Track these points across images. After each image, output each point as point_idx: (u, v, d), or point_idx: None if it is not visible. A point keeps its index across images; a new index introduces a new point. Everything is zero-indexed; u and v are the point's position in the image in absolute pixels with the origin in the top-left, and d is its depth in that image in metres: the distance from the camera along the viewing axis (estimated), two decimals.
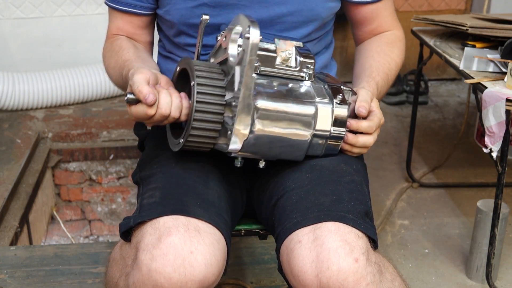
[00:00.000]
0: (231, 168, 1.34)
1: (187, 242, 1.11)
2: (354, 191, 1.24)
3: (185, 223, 1.14)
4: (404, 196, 2.63)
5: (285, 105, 1.19)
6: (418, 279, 2.11)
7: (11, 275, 1.95)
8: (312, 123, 1.21)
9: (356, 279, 1.09)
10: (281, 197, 1.26)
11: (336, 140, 1.26)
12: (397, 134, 3.17)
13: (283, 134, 1.20)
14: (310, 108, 1.21)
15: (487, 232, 1.98)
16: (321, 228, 1.14)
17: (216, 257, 1.14)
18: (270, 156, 1.24)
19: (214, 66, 1.21)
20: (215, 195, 1.26)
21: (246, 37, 1.11)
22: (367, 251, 1.14)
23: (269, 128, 1.18)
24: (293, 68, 1.24)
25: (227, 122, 1.16)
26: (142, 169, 1.36)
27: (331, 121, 1.23)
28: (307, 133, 1.22)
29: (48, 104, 3.02)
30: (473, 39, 2.14)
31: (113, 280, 1.24)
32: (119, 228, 1.23)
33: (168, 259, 1.09)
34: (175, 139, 1.24)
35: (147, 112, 1.15)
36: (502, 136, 1.79)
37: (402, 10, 3.58)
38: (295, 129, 1.20)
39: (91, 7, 3.15)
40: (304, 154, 1.25)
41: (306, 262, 1.12)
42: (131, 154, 2.86)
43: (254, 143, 1.18)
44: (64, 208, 2.89)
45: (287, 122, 1.19)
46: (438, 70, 3.79)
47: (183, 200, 1.20)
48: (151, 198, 1.22)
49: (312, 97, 1.22)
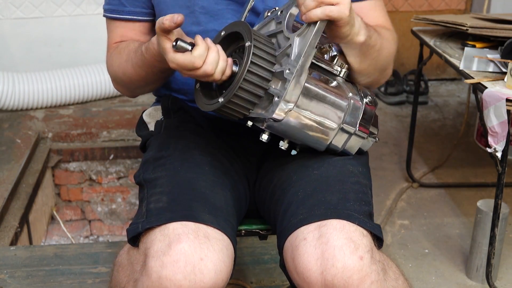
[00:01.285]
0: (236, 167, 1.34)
1: (197, 249, 1.11)
2: (360, 192, 1.25)
3: (194, 230, 1.14)
4: (404, 196, 2.63)
5: (324, 92, 1.22)
6: (418, 279, 2.11)
7: (11, 275, 1.95)
8: (343, 116, 1.24)
9: (360, 277, 1.10)
10: (286, 192, 1.26)
11: (359, 138, 1.28)
12: (397, 134, 3.17)
13: (316, 119, 1.22)
14: (344, 101, 1.25)
15: (487, 232, 1.98)
16: (327, 225, 1.14)
17: (225, 263, 1.14)
18: (296, 138, 1.25)
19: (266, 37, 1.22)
20: (222, 200, 1.26)
21: None
22: (372, 249, 1.14)
23: (307, 109, 1.20)
24: (330, 62, 1.27)
25: (274, 91, 1.17)
26: (145, 170, 1.34)
27: (359, 119, 1.26)
28: (336, 124, 1.24)
29: (48, 104, 3.02)
30: (473, 39, 2.14)
31: (120, 285, 1.24)
32: (127, 233, 1.22)
33: (179, 266, 1.09)
34: (208, 99, 1.22)
35: (195, 63, 1.13)
36: (505, 135, 1.80)
37: (402, 10, 3.59)
38: (326, 116, 1.23)
39: (91, 7, 3.15)
40: (327, 145, 1.27)
41: (311, 259, 1.12)
42: (131, 154, 2.86)
43: (288, 121, 1.19)
44: (64, 208, 2.89)
45: (323, 107, 1.22)
46: (438, 70, 3.79)
47: (191, 205, 1.19)
48: (158, 202, 1.22)
49: (346, 92, 1.26)
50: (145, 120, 1.53)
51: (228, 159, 1.36)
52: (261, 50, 1.16)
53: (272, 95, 1.18)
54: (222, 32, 1.24)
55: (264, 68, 1.16)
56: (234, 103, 1.17)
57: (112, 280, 1.29)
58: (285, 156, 1.31)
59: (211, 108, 1.20)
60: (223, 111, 1.19)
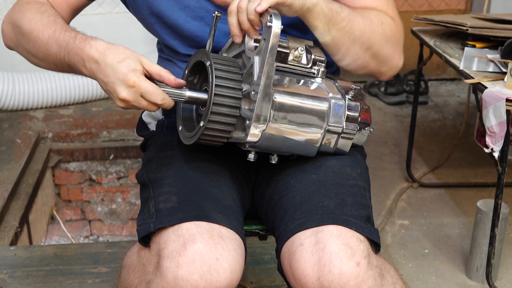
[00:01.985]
0: (238, 166, 1.34)
1: (212, 249, 1.11)
2: (358, 195, 1.24)
3: (208, 230, 1.14)
4: (404, 196, 2.63)
5: (300, 100, 1.20)
6: (418, 279, 2.11)
7: (11, 275, 1.95)
8: (326, 118, 1.22)
9: (357, 283, 1.10)
10: (284, 196, 1.26)
11: (348, 136, 1.27)
12: (397, 134, 3.17)
13: (297, 128, 1.21)
14: (323, 104, 1.22)
15: (487, 232, 1.98)
16: (323, 231, 1.14)
17: (239, 262, 1.14)
18: (283, 150, 1.25)
19: (231, 59, 1.21)
20: (230, 199, 1.25)
21: (268, 26, 1.11)
22: (369, 254, 1.14)
23: (285, 122, 1.19)
24: (305, 65, 1.25)
25: (245, 114, 1.17)
26: (150, 169, 1.33)
27: (344, 117, 1.24)
28: (321, 128, 1.23)
29: (48, 104, 3.02)
30: (473, 39, 2.14)
31: (131, 287, 1.23)
32: (138, 233, 1.21)
33: (195, 267, 1.09)
34: (189, 132, 1.23)
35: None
36: (504, 136, 1.79)
37: (402, 10, 3.59)
38: (309, 124, 1.21)
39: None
40: (317, 149, 1.26)
41: (308, 265, 1.12)
42: (131, 154, 2.86)
43: (270, 137, 1.19)
44: (64, 208, 2.89)
45: (302, 116, 1.20)
46: (438, 70, 3.79)
47: (202, 205, 1.19)
48: (167, 202, 1.21)
49: (325, 93, 1.24)
50: (145, 120, 1.52)
51: (232, 158, 1.36)
52: (225, 79, 1.15)
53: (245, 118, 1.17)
54: (186, 71, 1.25)
55: (230, 97, 1.14)
56: (209, 135, 1.17)
57: (121, 282, 1.28)
58: (283, 161, 1.31)
59: (190, 141, 1.21)
60: (203, 141, 1.19)
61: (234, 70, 1.17)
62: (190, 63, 1.25)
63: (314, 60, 1.26)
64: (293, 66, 1.24)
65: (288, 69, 1.24)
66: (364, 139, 1.32)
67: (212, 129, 1.16)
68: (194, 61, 1.24)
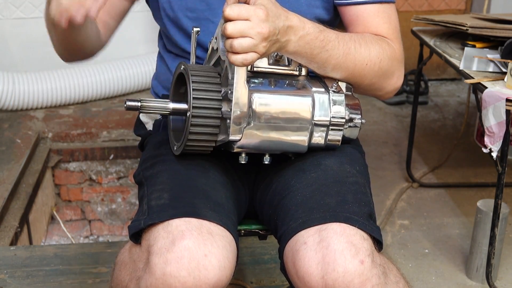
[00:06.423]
0: (234, 167, 1.34)
1: (201, 246, 1.11)
2: (358, 192, 1.24)
3: (198, 226, 1.14)
4: (404, 196, 2.63)
5: (281, 97, 1.21)
6: (418, 279, 2.11)
7: (11, 275, 1.95)
8: (311, 112, 1.22)
9: (361, 281, 1.10)
10: (285, 197, 1.26)
11: (337, 128, 1.26)
12: (397, 134, 3.17)
13: (283, 125, 1.21)
14: (306, 99, 1.22)
15: (487, 232, 1.98)
16: (327, 229, 1.14)
17: (229, 259, 1.14)
18: (273, 149, 1.25)
19: (209, 68, 1.23)
20: (223, 196, 1.26)
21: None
22: (372, 253, 1.14)
23: (268, 120, 1.20)
24: (286, 66, 1.26)
25: (226, 115, 1.18)
26: (145, 168, 1.34)
27: (329, 110, 1.24)
28: (307, 123, 1.23)
29: (48, 104, 3.02)
30: (473, 39, 2.14)
31: (122, 283, 1.23)
32: (128, 230, 1.22)
33: (183, 263, 1.09)
34: (177, 142, 1.26)
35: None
36: (502, 136, 1.79)
37: (402, 10, 3.58)
38: (294, 119, 1.22)
39: None
40: (306, 145, 1.26)
41: (312, 263, 1.12)
42: (131, 154, 2.86)
43: (254, 135, 1.20)
44: (64, 208, 2.89)
45: (285, 112, 1.21)
46: (438, 70, 3.79)
47: (193, 202, 1.19)
48: (159, 199, 1.21)
49: (307, 89, 1.24)
50: (142, 120, 1.53)
51: (227, 157, 1.36)
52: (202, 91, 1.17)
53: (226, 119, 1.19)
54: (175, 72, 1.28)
55: (209, 108, 1.17)
56: (193, 145, 1.20)
57: (113, 279, 1.28)
58: (282, 161, 1.31)
59: (178, 151, 1.25)
60: (191, 150, 1.22)
61: (212, 80, 1.19)
62: (174, 76, 1.28)
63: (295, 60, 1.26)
64: (275, 68, 1.25)
65: (269, 71, 1.25)
66: (356, 132, 1.31)
67: (194, 140, 1.19)
68: (177, 73, 1.26)
